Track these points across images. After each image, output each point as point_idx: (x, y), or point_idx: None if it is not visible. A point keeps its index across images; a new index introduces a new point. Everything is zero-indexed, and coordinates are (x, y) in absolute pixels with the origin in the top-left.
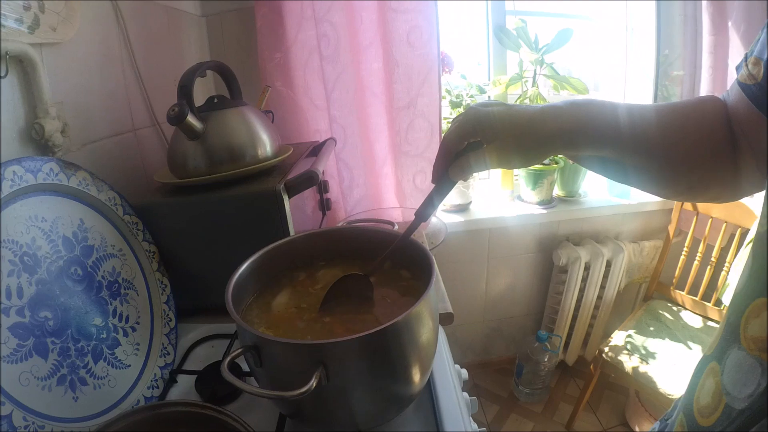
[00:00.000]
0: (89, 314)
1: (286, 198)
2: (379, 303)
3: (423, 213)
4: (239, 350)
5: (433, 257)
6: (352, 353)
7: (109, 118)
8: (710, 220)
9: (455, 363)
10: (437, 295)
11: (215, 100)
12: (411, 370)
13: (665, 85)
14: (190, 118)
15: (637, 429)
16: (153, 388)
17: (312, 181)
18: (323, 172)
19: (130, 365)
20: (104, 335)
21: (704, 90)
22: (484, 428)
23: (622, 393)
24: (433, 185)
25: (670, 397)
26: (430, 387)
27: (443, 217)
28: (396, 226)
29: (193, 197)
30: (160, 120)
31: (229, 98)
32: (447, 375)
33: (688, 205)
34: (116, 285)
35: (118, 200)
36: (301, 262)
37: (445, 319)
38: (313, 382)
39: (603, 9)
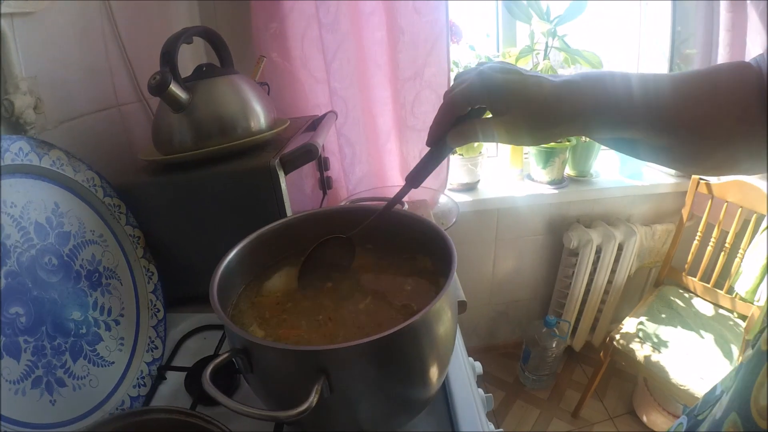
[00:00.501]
0: (66, 308)
1: (281, 174)
2: (387, 289)
3: (414, 179)
4: (226, 354)
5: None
6: (360, 359)
7: (90, 93)
8: (725, 204)
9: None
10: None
11: (204, 69)
12: (429, 373)
13: (677, 64)
14: (174, 87)
15: (645, 419)
16: (139, 387)
17: (311, 155)
18: (323, 147)
19: (113, 362)
20: (84, 330)
21: None
22: (501, 429)
23: (630, 380)
24: (428, 149)
25: (682, 387)
26: (444, 385)
27: (454, 196)
28: (406, 206)
29: (179, 175)
30: (146, 95)
31: (219, 67)
32: (462, 370)
33: (702, 189)
34: (97, 274)
35: (97, 181)
36: (300, 246)
37: (459, 308)
38: (313, 399)
39: None
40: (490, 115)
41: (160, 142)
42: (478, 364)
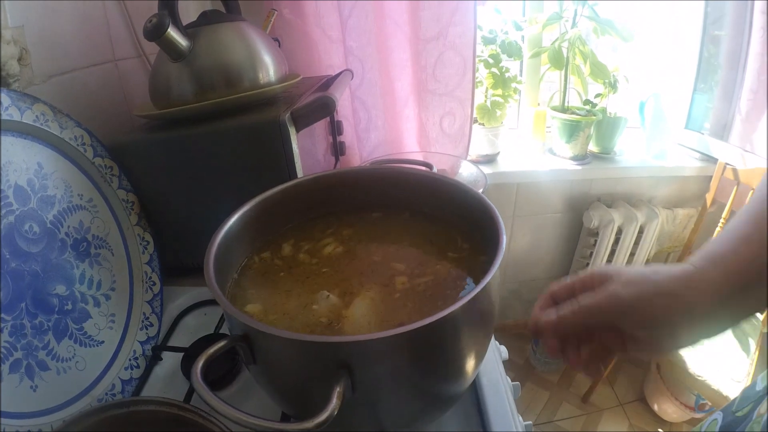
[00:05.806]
0: (50, 282)
1: (293, 131)
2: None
3: None
4: (223, 342)
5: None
6: (392, 352)
7: (84, 46)
8: (751, 192)
9: None
10: None
11: (207, 15)
12: (466, 363)
13: (707, 46)
14: (172, 32)
15: (656, 407)
16: (132, 369)
17: (327, 108)
18: (338, 102)
19: (103, 341)
20: (69, 306)
21: (753, 53)
22: (530, 421)
23: (641, 366)
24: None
25: (699, 379)
26: None
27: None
28: (435, 169)
29: (178, 132)
30: (147, 50)
31: (224, 13)
32: (490, 356)
33: (728, 174)
34: (84, 243)
35: (86, 139)
36: (313, 212)
37: None
38: (335, 405)
39: None
40: None
41: (158, 95)
42: (503, 349)
